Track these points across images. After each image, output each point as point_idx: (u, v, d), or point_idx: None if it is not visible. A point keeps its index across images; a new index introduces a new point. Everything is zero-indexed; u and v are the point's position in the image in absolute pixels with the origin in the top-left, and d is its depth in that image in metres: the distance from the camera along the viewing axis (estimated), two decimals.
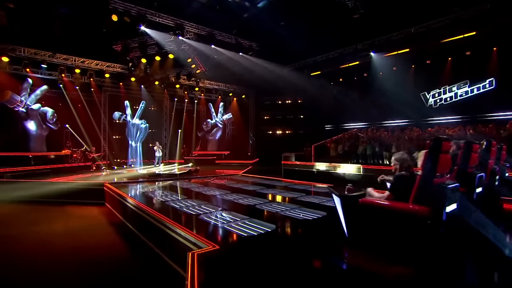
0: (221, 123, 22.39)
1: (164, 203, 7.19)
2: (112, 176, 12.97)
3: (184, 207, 6.60)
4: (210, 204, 7.01)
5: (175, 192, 8.98)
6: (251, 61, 17.85)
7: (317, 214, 5.92)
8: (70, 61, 15.71)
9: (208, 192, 8.90)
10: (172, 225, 4.85)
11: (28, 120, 14.49)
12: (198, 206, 6.71)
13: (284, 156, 17.73)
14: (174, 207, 6.63)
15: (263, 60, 17.65)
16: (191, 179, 12.35)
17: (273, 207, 6.63)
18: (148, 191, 9.25)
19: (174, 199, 7.66)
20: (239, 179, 12.87)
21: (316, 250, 3.83)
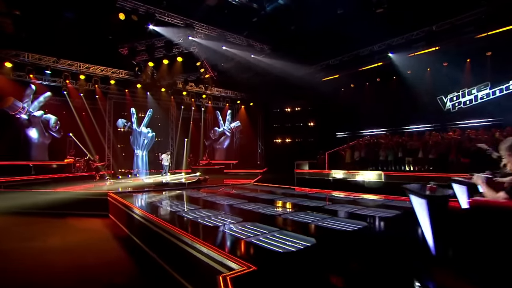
0: (229, 131, 21.63)
1: (175, 213, 6.30)
2: (116, 185, 12.15)
3: (199, 218, 5.71)
4: (229, 215, 6.12)
5: (186, 202, 8.11)
6: (261, 66, 17.26)
7: (356, 225, 5.03)
8: (75, 67, 15.19)
9: (223, 202, 8.01)
10: (191, 239, 3.96)
11: (30, 127, 13.85)
12: (215, 216, 5.83)
13: (296, 164, 16.92)
14: (188, 218, 5.73)
15: (274, 64, 17.00)
16: (201, 188, 11.48)
17: (301, 217, 5.73)
18: (156, 200, 8.38)
19: (186, 209, 6.77)
20: (252, 188, 12.03)
21: (386, 272, 2.91)
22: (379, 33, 13.89)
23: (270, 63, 16.99)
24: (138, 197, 9.23)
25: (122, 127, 17.42)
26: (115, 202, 8.64)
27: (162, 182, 12.14)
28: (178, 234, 4.28)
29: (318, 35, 14.81)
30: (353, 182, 13.69)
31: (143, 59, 14.20)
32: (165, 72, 14.78)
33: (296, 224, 5.24)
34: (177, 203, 7.87)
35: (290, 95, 21.85)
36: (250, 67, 16.67)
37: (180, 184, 12.21)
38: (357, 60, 16.05)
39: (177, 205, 7.47)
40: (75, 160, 15.60)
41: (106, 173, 16.21)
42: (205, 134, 21.93)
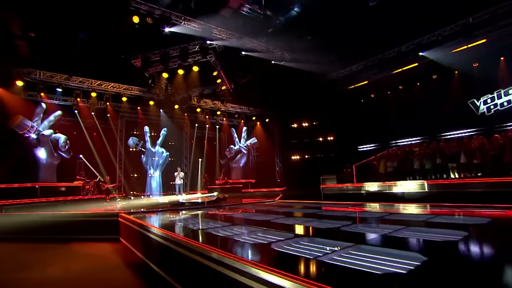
0: (245, 149, 20.48)
1: (206, 231, 5.00)
2: (128, 206, 10.94)
3: (237, 235, 4.40)
4: (273, 230, 4.78)
5: (212, 219, 6.78)
6: (278, 77, 16.46)
7: (455, 235, 3.67)
8: (87, 84, 14.62)
9: (256, 218, 6.67)
10: (241, 262, 2.65)
11: (38, 147, 13.02)
12: (255, 233, 4.50)
13: (322, 179, 15.66)
14: (226, 236, 4.43)
15: (291, 73, 16.15)
16: (221, 208, 10.14)
17: (370, 229, 4.36)
18: (177, 219, 7.10)
19: (215, 227, 5.46)
20: (281, 204, 10.64)
21: None
22: (406, 31, 12.92)
23: (287, 72, 16.16)
24: (154, 217, 7.95)
25: (134, 146, 16.47)
26: (128, 223, 7.39)
27: (178, 201, 10.87)
28: (221, 257, 2.97)
29: (338, 40, 13.98)
30: (390, 194, 12.49)
31: (157, 71, 13.50)
32: (180, 84, 14.02)
33: (371, 237, 3.87)
34: (204, 220, 6.56)
35: (307, 108, 20.89)
36: (267, 77, 15.87)
37: (198, 203, 10.90)
38: (382, 64, 14.99)
39: (204, 222, 6.16)
40: (84, 182, 14.58)
41: (117, 195, 15.08)
42: (220, 152, 20.83)
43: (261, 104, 20.66)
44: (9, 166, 11.74)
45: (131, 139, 16.32)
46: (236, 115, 20.72)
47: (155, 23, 10.11)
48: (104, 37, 12.16)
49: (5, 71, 12.34)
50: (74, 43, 13.17)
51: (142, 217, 7.79)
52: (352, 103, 19.95)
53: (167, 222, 6.87)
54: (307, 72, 16.92)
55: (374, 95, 19.29)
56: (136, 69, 13.07)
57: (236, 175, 20.31)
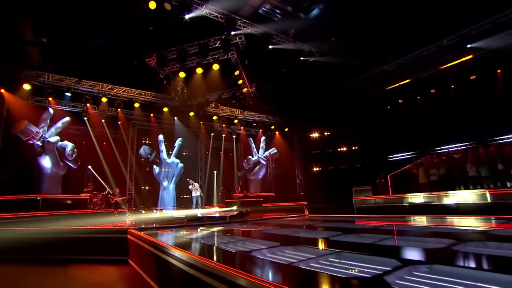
0: (264, 160, 18.97)
1: (249, 254, 3.46)
2: (139, 221, 9.49)
3: (299, 261, 2.84)
4: (347, 253, 3.19)
5: (247, 238, 5.20)
6: (300, 82, 15.18)
7: None
8: (97, 88, 13.62)
9: (305, 234, 5.08)
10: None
11: (43, 155, 11.88)
12: (325, 258, 2.94)
13: (355, 190, 14.03)
14: (281, 263, 2.87)
15: (316, 77, 14.81)
16: (246, 223, 8.56)
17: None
18: (200, 237, 5.57)
19: (259, 248, 3.91)
20: (317, 219, 9.04)
21: None
22: (449, 22, 11.42)
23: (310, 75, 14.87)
24: (170, 234, 6.44)
25: (146, 157, 15.20)
26: (138, 241, 5.90)
27: (196, 216, 9.33)
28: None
29: (368, 36, 12.64)
30: (440, 206, 10.81)
31: (173, 71, 12.34)
32: (197, 87, 12.79)
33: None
34: (238, 239, 5.01)
35: (330, 116, 19.45)
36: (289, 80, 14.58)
37: (219, 218, 9.33)
38: (419, 62, 13.44)
39: (240, 242, 4.61)
40: (92, 194, 13.28)
41: (127, 209, 13.68)
42: (237, 164, 19.37)
43: (281, 112, 19.31)
44: (9, 175, 10.57)
45: (144, 149, 15.09)
46: (254, 123, 19.37)
47: (174, 9, 9.03)
48: (116, 35, 11.19)
49: (12, 74, 11.46)
50: (84, 44, 12.30)
51: (156, 235, 6.30)
52: (379, 110, 18.47)
53: (188, 240, 5.34)
54: (331, 76, 15.64)
55: (402, 100, 17.86)
56: (150, 68, 11.97)
57: (255, 188, 18.71)
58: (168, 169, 15.13)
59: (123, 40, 11.98)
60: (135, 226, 7.26)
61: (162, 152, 15.36)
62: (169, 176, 15.26)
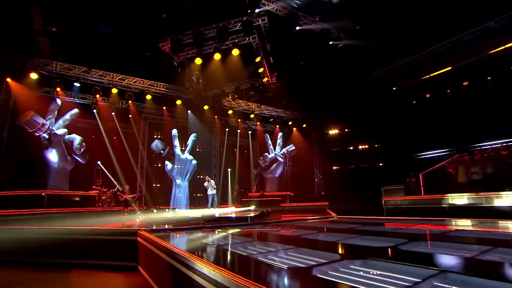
0: (282, 157, 17.84)
1: (300, 271, 2.37)
2: (150, 221, 8.55)
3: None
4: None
5: (287, 245, 4.09)
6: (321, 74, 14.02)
7: None
8: (107, 78, 12.80)
9: (353, 241, 3.98)
10: None
11: (49, 148, 11.11)
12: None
13: (384, 190, 12.85)
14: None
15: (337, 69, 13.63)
16: (271, 225, 7.50)
17: None
18: (224, 243, 4.55)
19: (310, 260, 2.82)
20: (348, 221, 7.96)
21: None
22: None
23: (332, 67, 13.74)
24: (189, 238, 5.44)
25: (158, 152, 14.30)
26: (150, 246, 4.94)
27: (214, 216, 8.32)
28: None
29: (400, 20, 11.37)
30: (488, 208, 9.52)
31: (188, 57, 11.36)
32: (213, 76, 11.76)
33: None
34: (278, 248, 3.93)
35: (350, 112, 18.24)
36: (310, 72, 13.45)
37: (239, 219, 8.30)
38: (457, 49, 12.06)
39: (283, 252, 3.53)
40: (100, 191, 12.47)
41: (137, 208, 12.82)
42: (253, 161, 18.33)
43: (299, 106, 18.15)
44: (13, 169, 9.85)
45: (156, 143, 14.19)
46: (271, 119, 18.27)
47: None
48: (127, 20, 10.33)
49: (19, 62, 10.74)
50: (93, 31, 11.51)
51: (171, 238, 5.32)
52: (404, 104, 17.19)
53: (212, 247, 4.32)
54: (356, 66, 14.45)
55: (429, 94, 16.55)
56: (164, 55, 11.04)
57: (271, 187, 17.60)
58: (181, 166, 14.20)
59: (134, 26, 11.14)
60: (146, 227, 6.30)
61: (176, 148, 14.44)
62: (182, 173, 14.33)
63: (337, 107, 17.61)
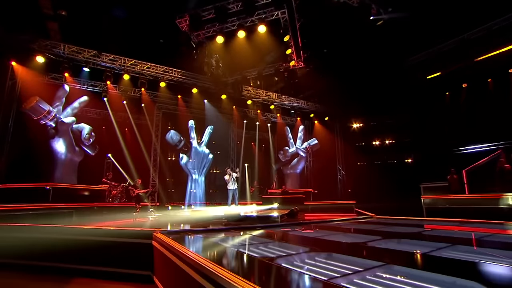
0: (304, 152, 16.55)
1: None
2: (165, 219, 7.46)
3: None
4: None
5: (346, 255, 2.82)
6: (352, 57, 12.65)
7: None
8: (119, 63, 11.79)
9: (438, 252, 2.66)
10: None
11: (56, 137, 10.20)
12: None
13: (424, 188, 11.39)
14: None
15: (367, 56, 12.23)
16: (306, 226, 6.28)
17: None
18: (264, 250, 3.35)
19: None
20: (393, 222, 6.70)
21: None
22: None
23: (361, 54, 12.38)
24: (215, 243, 4.27)
25: (174, 144, 13.25)
26: (168, 252, 3.81)
27: (240, 215, 7.16)
28: None
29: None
30: None
31: (208, 35, 10.14)
32: (235, 59, 10.50)
33: None
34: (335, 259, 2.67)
35: (377, 103, 16.83)
36: (338, 58, 12.10)
37: (268, 219, 7.10)
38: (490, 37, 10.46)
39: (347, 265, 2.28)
40: (110, 186, 11.53)
41: (150, 204, 11.82)
42: (273, 155, 17.11)
43: (323, 97, 16.82)
44: (16, 159, 8.98)
45: (172, 135, 13.13)
46: (291, 110, 16.96)
47: None
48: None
49: (24, 43, 9.85)
50: (104, 9, 10.52)
51: (193, 242, 4.21)
52: (437, 96, 15.82)
53: (245, 255, 3.14)
54: (390, 50, 13.04)
55: (466, 84, 15.11)
56: (181, 33, 9.89)
57: (292, 183, 16.35)
58: (198, 160, 13.13)
59: (149, 3, 10.07)
60: (161, 228, 5.20)
61: (193, 140, 13.36)
62: (199, 167, 13.26)
63: (364, 98, 16.22)
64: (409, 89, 15.76)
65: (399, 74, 15.30)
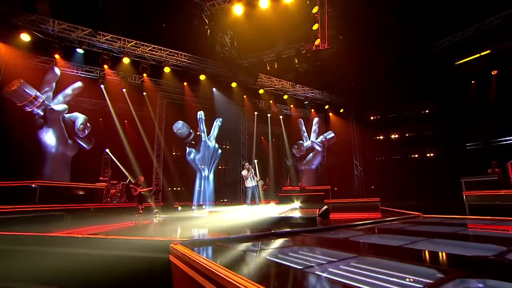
0: (320, 146, 15.18)
1: None
2: (179, 222, 6.05)
3: None
4: None
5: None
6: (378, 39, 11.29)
7: None
8: (118, 44, 10.33)
9: None
10: None
11: (45, 128, 8.75)
12: None
13: (466, 182, 10.02)
14: None
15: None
16: (350, 228, 4.90)
17: None
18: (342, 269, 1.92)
19: None
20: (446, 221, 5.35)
21: None
22: None
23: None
24: (264, 255, 2.86)
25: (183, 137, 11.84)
26: (195, 274, 2.39)
27: (271, 217, 5.75)
28: None
29: None
30: None
31: (222, 6, 8.58)
32: (252, 36, 9.00)
33: None
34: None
35: (396, 94, 15.58)
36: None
37: (306, 221, 5.70)
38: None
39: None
40: (109, 184, 10.09)
41: (154, 204, 10.41)
42: (289, 150, 15.72)
43: (341, 85, 15.43)
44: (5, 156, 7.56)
45: (180, 126, 11.67)
46: (305, 101, 15.58)
47: None
48: None
49: (4, 16, 8.38)
50: None
51: (230, 258, 2.82)
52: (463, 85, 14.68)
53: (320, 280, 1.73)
54: (419, 33, 11.78)
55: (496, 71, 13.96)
56: (191, 3, 8.43)
57: (308, 180, 14.98)
58: (208, 155, 11.73)
59: None
60: (180, 237, 3.80)
61: (203, 133, 11.95)
62: (209, 163, 11.86)
63: (385, 86, 14.93)
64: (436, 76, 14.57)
65: (425, 60, 14.05)
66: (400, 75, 14.12)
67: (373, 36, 11.79)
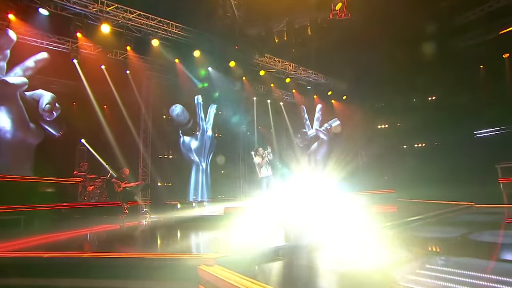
0: (325, 134, 13.83)
1: None
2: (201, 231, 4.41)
3: None
4: None
5: None
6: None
7: None
8: (94, 7, 8.36)
9: None
10: None
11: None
12: None
13: (502, 168, 8.96)
14: None
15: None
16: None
17: None
18: None
19: None
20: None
21: None
22: None
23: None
24: None
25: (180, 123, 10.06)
26: None
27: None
28: None
29: None
30: None
31: None
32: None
33: None
34: None
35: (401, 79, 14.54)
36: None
37: None
38: None
39: None
40: (85, 179, 8.18)
41: (142, 203, 8.61)
42: (289, 138, 14.26)
43: (343, 70, 14.12)
44: None
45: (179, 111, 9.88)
46: (308, 86, 14.17)
47: None
48: None
49: None
50: None
51: None
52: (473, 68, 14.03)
53: None
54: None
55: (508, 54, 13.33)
56: None
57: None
58: (205, 145, 10.06)
59: None
60: (215, 252, 2.17)
61: (202, 120, 10.25)
62: (205, 154, 10.19)
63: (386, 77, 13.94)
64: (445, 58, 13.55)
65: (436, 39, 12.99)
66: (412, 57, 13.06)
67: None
